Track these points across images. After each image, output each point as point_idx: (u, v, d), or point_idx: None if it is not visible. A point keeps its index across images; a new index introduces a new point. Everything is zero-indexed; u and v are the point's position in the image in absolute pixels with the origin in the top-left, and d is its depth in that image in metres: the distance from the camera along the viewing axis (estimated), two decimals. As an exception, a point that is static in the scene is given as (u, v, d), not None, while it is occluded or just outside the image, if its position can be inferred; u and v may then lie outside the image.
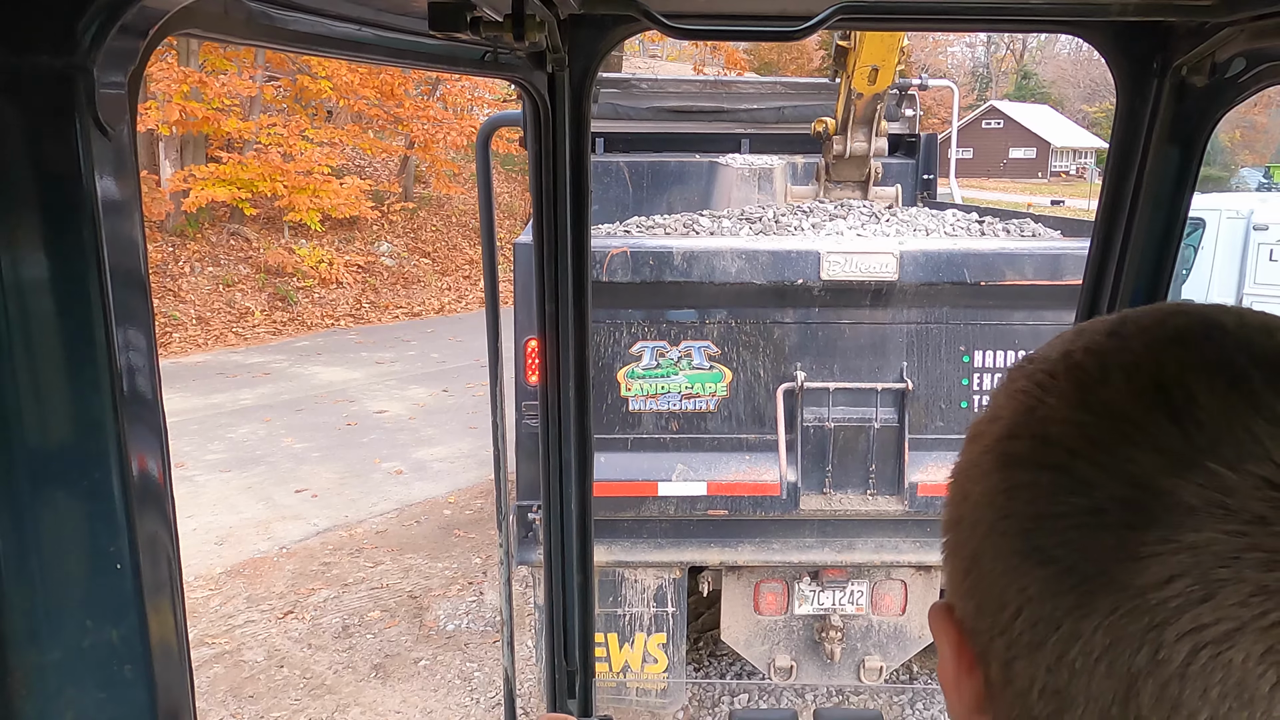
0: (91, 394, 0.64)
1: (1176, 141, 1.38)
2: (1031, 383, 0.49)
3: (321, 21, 0.99)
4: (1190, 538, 0.40)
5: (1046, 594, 0.44)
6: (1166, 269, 1.44)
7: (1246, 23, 1.17)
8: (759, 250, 3.84)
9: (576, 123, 1.58)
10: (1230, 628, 0.38)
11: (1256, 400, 0.42)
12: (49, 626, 0.65)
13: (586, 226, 1.65)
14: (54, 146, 0.61)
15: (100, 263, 0.63)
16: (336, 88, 15.87)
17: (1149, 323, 0.48)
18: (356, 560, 6.86)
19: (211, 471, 8.56)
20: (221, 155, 15.28)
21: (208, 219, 16.29)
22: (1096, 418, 0.45)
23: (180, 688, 0.72)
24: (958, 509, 0.51)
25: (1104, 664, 0.41)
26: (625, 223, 4.85)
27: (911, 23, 1.44)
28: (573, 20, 1.47)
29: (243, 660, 5.50)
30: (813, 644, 4.34)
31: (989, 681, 0.48)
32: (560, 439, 1.80)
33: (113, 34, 0.62)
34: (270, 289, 15.84)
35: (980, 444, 0.50)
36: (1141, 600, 0.40)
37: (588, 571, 1.89)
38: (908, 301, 3.90)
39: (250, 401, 10.94)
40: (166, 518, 0.71)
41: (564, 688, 1.93)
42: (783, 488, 3.95)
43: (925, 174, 6.97)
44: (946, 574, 0.53)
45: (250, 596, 6.30)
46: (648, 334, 3.90)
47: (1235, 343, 0.45)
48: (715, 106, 6.90)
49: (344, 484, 8.33)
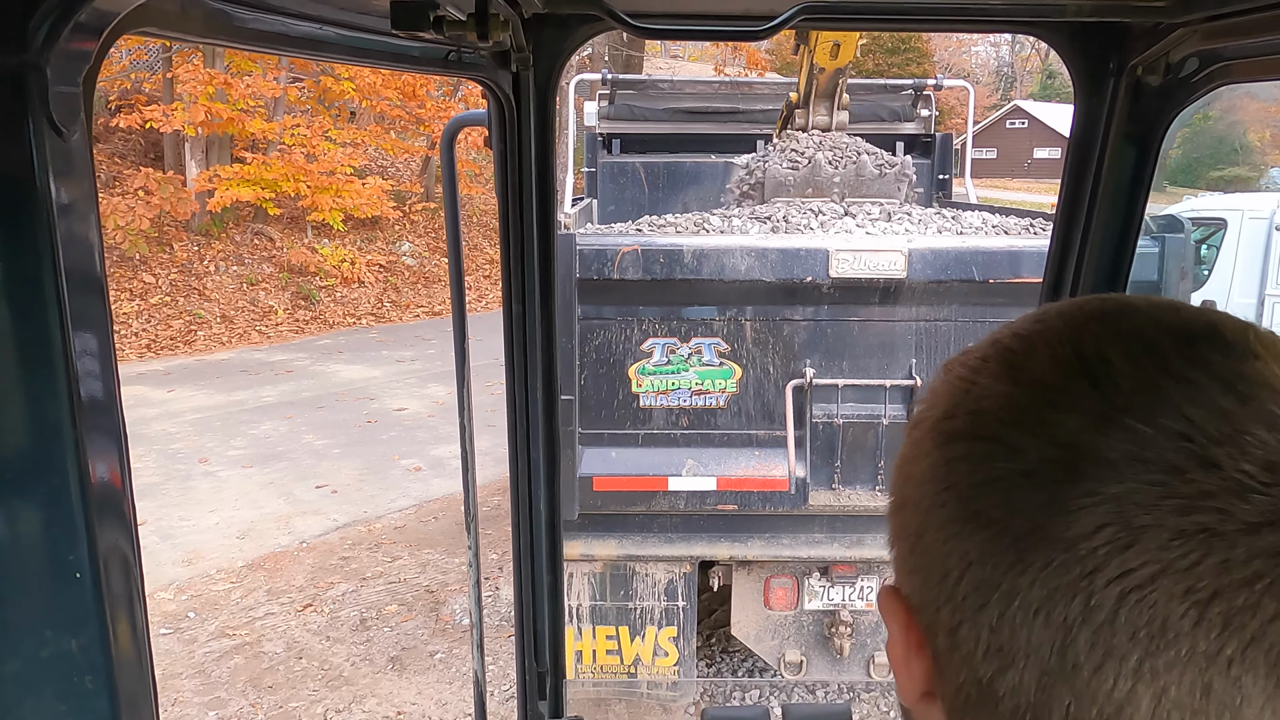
0: (47, 400, 0.63)
1: (1133, 140, 1.39)
2: (965, 369, 0.52)
3: (282, 20, 0.98)
4: (1114, 489, 0.42)
5: (986, 556, 0.46)
6: (1124, 265, 1.46)
7: (1200, 24, 1.18)
8: (768, 248, 3.88)
9: (541, 122, 1.56)
10: (1154, 570, 0.40)
11: (1167, 364, 0.45)
12: (7, 637, 0.64)
13: (552, 227, 1.63)
14: (6, 147, 0.59)
15: (55, 265, 0.61)
16: (359, 89, 16.01)
17: (1068, 308, 0.52)
18: (375, 555, 6.94)
19: (234, 467, 8.68)
20: (246, 156, 15.45)
21: (232, 219, 16.48)
22: (1024, 389, 0.48)
23: (143, 698, 0.71)
24: (901, 493, 0.54)
25: (1041, 616, 0.43)
26: (636, 221, 4.90)
27: (873, 23, 1.46)
28: (537, 19, 1.45)
29: (262, 651, 5.60)
30: (822, 639, 4.37)
31: (937, 656, 0.50)
32: (529, 439, 1.79)
33: (66, 33, 0.61)
34: (293, 288, 16.01)
35: (920, 429, 0.53)
36: (1072, 551, 0.42)
37: (557, 572, 1.88)
38: (916, 299, 3.92)
39: (272, 398, 11.08)
40: (127, 525, 0.69)
41: (534, 688, 1.92)
42: (792, 483, 3.99)
43: (941, 174, 6.97)
44: (894, 559, 0.55)
45: (270, 589, 6.40)
46: (658, 331, 3.95)
47: (1146, 317, 0.49)
48: (731, 107, 6.92)
49: (363, 480, 8.42)
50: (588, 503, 4.00)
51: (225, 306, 15.04)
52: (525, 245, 1.63)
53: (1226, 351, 0.46)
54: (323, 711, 5.01)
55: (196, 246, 15.92)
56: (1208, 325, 0.48)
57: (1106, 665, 0.41)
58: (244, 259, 16.24)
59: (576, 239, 3.83)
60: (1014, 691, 0.44)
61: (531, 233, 1.62)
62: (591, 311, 3.92)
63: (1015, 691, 0.44)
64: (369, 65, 1.33)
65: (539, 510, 1.83)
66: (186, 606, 6.14)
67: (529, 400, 1.75)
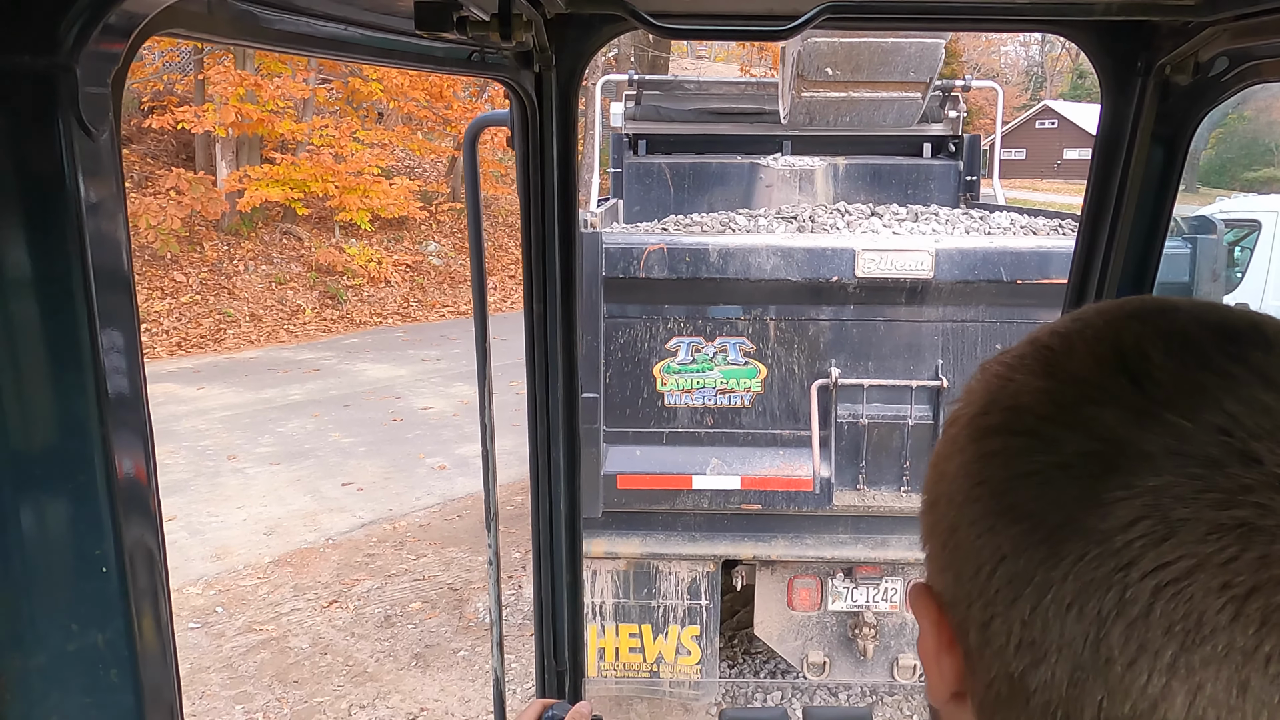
0: (75, 397, 0.63)
1: (1161, 140, 1.38)
2: (1003, 366, 0.52)
3: (307, 21, 0.99)
4: (1151, 482, 0.41)
5: (1020, 549, 0.45)
6: (1151, 266, 1.44)
7: (1229, 22, 1.17)
8: (794, 247, 3.87)
9: (564, 122, 1.56)
10: (1190, 564, 0.40)
11: (1207, 359, 0.45)
12: (34, 631, 0.64)
13: (574, 227, 1.62)
14: (37, 147, 0.60)
15: (84, 264, 0.62)
16: (387, 90, 16.14)
17: (1108, 307, 0.52)
18: (400, 552, 6.99)
19: (262, 464, 8.77)
20: (275, 156, 15.62)
21: (262, 218, 16.66)
22: (1062, 385, 0.48)
23: (167, 691, 0.71)
24: (935, 490, 0.53)
25: (1075, 610, 0.42)
26: (662, 221, 4.91)
27: (897, 22, 1.45)
28: (559, 20, 1.44)
29: (289, 647, 5.65)
30: (846, 641, 4.35)
31: (968, 653, 0.49)
32: (549, 439, 1.79)
33: (95, 34, 0.61)
34: (321, 287, 16.15)
35: (956, 426, 0.53)
36: (1107, 544, 0.42)
37: (576, 571, 1.88)
38: (943, 299, 3.90)
39: (300, 397, 11.18)
40: (153, 521, 0.70)
41: (554, 687, 1.92)
42: (816, 483, 3.98)
43: (968, 175, 6.92)
44: (927, 557, 0.54)
45: (297, 585, 6.46)
46: (683, 330, 3.95)
47: (1187, 316, 0.48)
48: (757, 108, 6.90)
49: (389, 478, 8.48)
50: (612, 500, 4.01)
51: (254, 305, 15.20)
52: (547, 245, 1.63)
53: (1268, 349, 0.45)
54: (347, 707, 5.05)
55: (226, 246, 16.10)
56: (1249, 323, 0.47)
57: (1140, 660, 0.41)
58: (273, 258, 16.41)
59: (603, 238, 3.85)
60: (1045, 687, 0.44)
61: (553, 232, 1.61)
62: (617, 310, 3.93)
63: (1047, 687, 0.44)
64: (393, 65, 1.34)
65: (559, 509, 1.83)
66: (214, 601, 6.22)
67: (549, 399, 1.76)
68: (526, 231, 1.64)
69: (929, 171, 6.74)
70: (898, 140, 6.62)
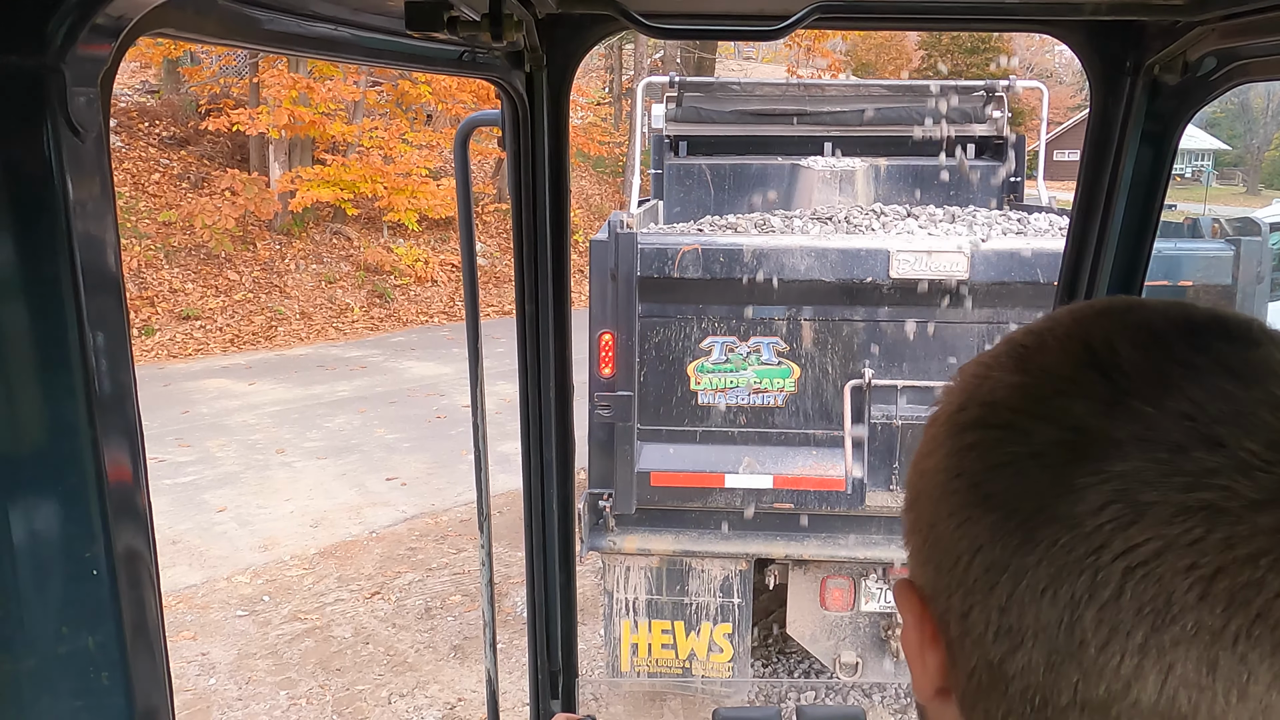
0: (64, 399, 0.63)
1: (1150, 139, 1.38)
2: (979, 366, 0.55)
3: (297, 21, 0.99)
4: (1119, 467, 0.43)
5: (996, 537, 0.46)
6: (1141, 265, 1.44)
7: (1217, 22, 1.17)
8: (829, 248, 3.89)
9: (555, 123, 1.56)
10: (1158, 546, 0.41)
11: (1172, 351, 0.47)
12: (24, 634, 0.64)
13: (566, 228, 1.62)
14: (24, 148, 0.60)
15: (73, 265, 0.61)
16: (435, 93, 16.34)
17: (1079, 306, 0.55)
18: (441, 546, 7.11)
19: (309, 458, 8.97)
20: (326, 158, 15.89)
21: (312, 219, 16.97)
22: (1035, 379, 0.50)
23: (159, 695, 0.71)
24: (915, 487, 0.55)
25: (1049, 594, 0.43)
26: (698, 221, 4.94)
27: (889, 22, 1.46)
28: (550, 20, 1.44)
29: (332, 636, 5.79)
30: (879, 641, 4.35)
31: (950, 645, 0.50)
32: (541, 440, 1.79)
33: (84, 34, 0.61)
34: (369, 286, 16.42)
35: (935, 425, 0.55)
36: (1079, 529, 0.43)
37: (569, 572, 1.88)
38: (979, 301, 3.88)
39: (347, 393, 11.39)
40: (143, 522, 0.69)
41: (547, 688, 1.92)
42: (848, 483, 3.99)
43: (1013, 177, 6.84)
44: (909, 554, 0.55)
45: (341, 577, 6.61)
46: (717, 329, 3.99)
47: (1153, 312, 0.51)
48: (798, 109, 6.89)
49: (432, 474, 8.62)
50: (645, 497, 4.06)
51: (304, 304, 15.50)
52: (538, 246, 1.62)
53: (1230, 340, 0.47)
54: (387, 695, 5.17)
55: (278, 245, 16.43)
56: (1212, 318, 0.49)
57: (1113, 642, 0.42)
58: (323, 258, 16.71)
59: (638, 238, 3.89)
60: (1024, 672, 0.45)
61: (545, 233, 1.61)
62: (652, 309, 3.97)
63: (1025, 672, 0.45)
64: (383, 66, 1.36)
65: (551, 510, 1.83)
66: (261, 590, 6.38)
67: (542, 401, 1.75)
68: (518, 232, 1.64)
69: (972, 173, 6.68)
70: (940, 141, 6.57)
